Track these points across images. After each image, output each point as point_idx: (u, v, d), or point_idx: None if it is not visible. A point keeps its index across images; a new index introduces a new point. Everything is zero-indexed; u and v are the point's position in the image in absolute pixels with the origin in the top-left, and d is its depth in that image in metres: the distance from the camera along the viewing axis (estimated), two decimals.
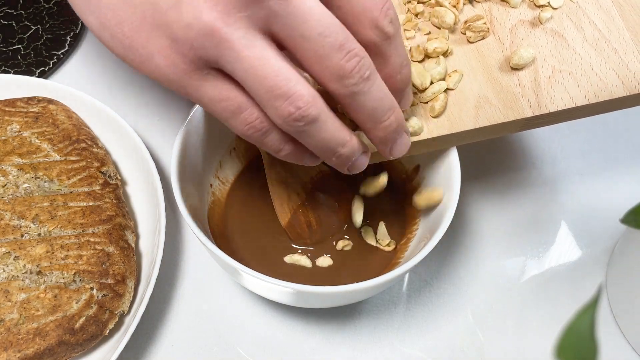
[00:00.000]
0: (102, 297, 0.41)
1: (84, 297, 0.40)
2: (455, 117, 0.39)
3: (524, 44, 0.41)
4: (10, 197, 0.43)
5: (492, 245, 0.48)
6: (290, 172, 0.43)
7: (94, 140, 0.48)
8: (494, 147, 0.53)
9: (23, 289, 0.40)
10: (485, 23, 0.41)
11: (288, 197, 0.43)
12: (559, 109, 0.39)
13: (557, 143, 0.53)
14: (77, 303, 0.40)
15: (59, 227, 0.42)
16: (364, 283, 0.37)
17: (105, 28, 0.33)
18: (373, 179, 0.42)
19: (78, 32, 0.58)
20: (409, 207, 0.45)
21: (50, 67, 0.55)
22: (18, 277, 0.40)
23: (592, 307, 0.24)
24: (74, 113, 0.49)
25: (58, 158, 0.46)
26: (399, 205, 0.46)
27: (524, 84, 0.40)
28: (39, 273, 0.41)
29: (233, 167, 0.47)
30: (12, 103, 0.48)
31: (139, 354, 0.43)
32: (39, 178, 0.44)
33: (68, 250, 0.42)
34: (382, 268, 0.43)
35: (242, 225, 0.45)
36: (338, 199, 0.45)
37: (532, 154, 0.53)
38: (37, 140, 0.46)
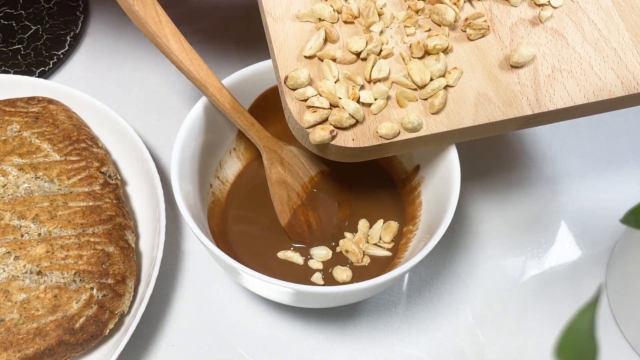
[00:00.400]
0: (102, 297, 0.41)
1: (84, 297, 0.40)
2: (455, 114, 0.39)
3: (524, 42, 0.41)
4: (10, 197, 0.43)
5: (492, 246, 0.48)
6: (290, 172, 0.43)
7: (94, 140, 0.48)
8: (495, 147, 0.53)
9: (23, 289, 0.40)
10: (486, 21, 0.41)
11: (288, 197, 0.43)
12: (558, 108, 0.39)
13: (557, 143, 0.53)
14: (77, 303, 0.40)
15: (59, 227, 0.42)
16: (364, 283, 0.37)
17: None
18: None
19: (78, 32, 0.58)
20: (409, 207, 0.45)
21: (50, 67, 0.55)
22: (18, 277, 0.40)
23: (592, 307, 0.24)
24: (74, 113, 0.49)
25: (58, 158, 0.46)
26: (399, 205, 0.46)
27: (524, 82, 0.40)
28: (39, 273, 0.41)
29: (233, 167, 0.47)
30: (12, 103, 0.48)
31: (139, 354, 0.43)
32: (39, 178, 0.44)
33: (68, 250, 0.42)
34: (382, 268, 0.43)
35: (241, 225, 0.45)
36: (338, 199, 0.45)
37: (532, 154, 0.53)
38: (37, 140, 0.46)
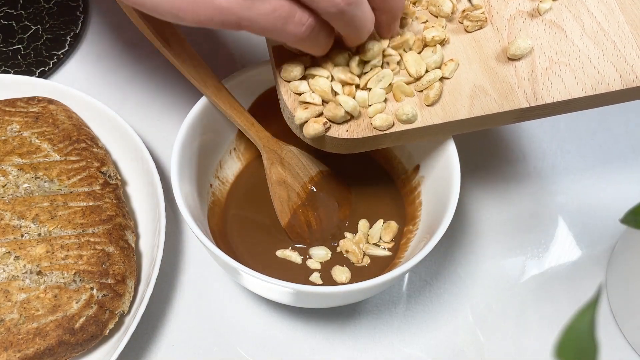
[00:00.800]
0: (102, 297, 0.41)
1: (84, 297, 0.40)
2: (450, 106, 0.39)
3: (522, 35, 0.41)
4: (10, 197, 0.43)
5: (492, 245, 0.48)
6: (290, 172, 0.43)
7: (94, 140, 0.48)
8: (494, 147, 0.53)
9: (23, 289, 0.40)
10: (483, 13, 0.41)
11: (288, 197, 0.43)
12: (555, 101, 0.39)
13: (557, 142, 0.53)
14: (77, 303, 0.40)
15: (59, 227, 0.42)
16: (364, 283, 0.36)
17: None
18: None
19: (78, 32, 0.58)
20: (409, 207, 0.45)
21: (50, 67, 0.55)
22: (18, 277, 0.40)
23: (592, 307, 0.24)
24: (74, 113, 0.49)
25: (58, 158, 0.46)
26: (399, 205, 0.46)
27: (521, 75, 0.40)
28: (39, 273, 0.41)
29: (233, 167, 0.47)
30: (12, 103, 0.48)
31: (139, 354, 0.43)
32: (39, 178, 0.44)
33: (68, 250, 0.42)
34: (382, 268, 0.43)
35: (241, 225, 0.45)
36: (338, 199, 0.45)
37: (532, 154, 0.53)
38: (37, 140, 0.46)
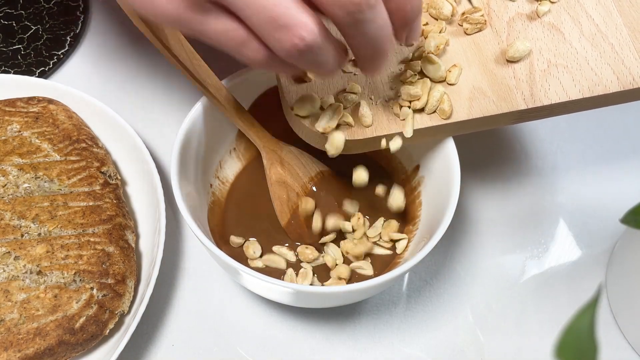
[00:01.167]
0: (102, 297, 0.41)
1: (84, 297, 0.40)
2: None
3: (521, 37, 0.41)
4: (11, 197, 0.43)
5: (492, 245, 0.48)
6: (290, 172, 0.43)
7: (94, 140, 0.48)
8: (494, 147, 0.53)
9: (23, 289, 0.40)
10: (483, 15, 0.41)
11: (288, 197, 0.43)
12: (553, 103, 0.39)
13: (557, 143, 0.53)
14: (77, 303, 0.40)
15: (59, 227, 0.42)
16: (364, 283, 0.37)
17: None
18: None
19: (78, 32, 0.58)
20: (409, 207, 0.45)
21: (50, 67, 0.55)
22: (18, 277, 0.40)
23: (592, 307, 0.24)
24: (74, 113, 0.49)
25: (58, 158, 0.46)
26: None
27: (519, 77, 0.40)
28: (39, 273, 0.41)
29: (233, 167, 0.47)
30: (12, 103, 0.48)
31: (139, 354, 0.43)
32: (39, 178, 0.44)
33: (68, 250, 0.42)
34: (382, 268, 0.43)
35: (242, 225, 0.45)
36: (338, 199, 0.45)
37: (532, 154, 0.53)
38: (37, 140, 0.46)
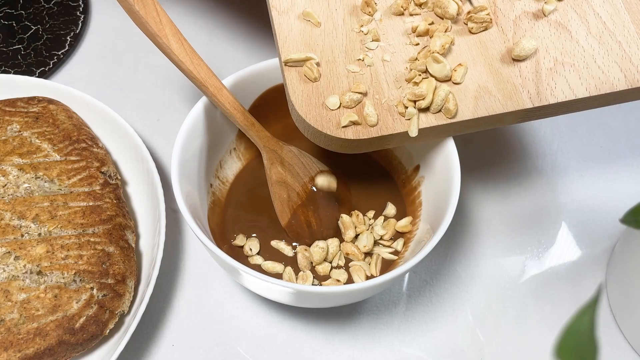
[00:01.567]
0: (102, 297, 0.41)
1: (84, 297, 0.40)
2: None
3: (527, 36, 0.41)
4: (11, 197, 0.43)
5: (492, 245, 0.48)
6: (290, 172, 0.43)
7: (94, 140, 0.48)
8: (495, 147, 0.53)
9: (23, 289, 0.40)
10: (489, 14, 0.41)
11: (288, 197, 0.43)
12: (559, 101, 0.39)
13: (557, 143, 0.53)
14: (77, 303, 0.40)
15: (59, 227, 0.42)
16: (364, 283, 0.37)
17: None
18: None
19: (78, 32, 0.58)
20: (410, 207, 0.45)
21: (50, 67, 0.55)
22: (18, 277, 0.40)
23: (592, 307, 0.24)
24: (74, 113, 0.49)
25: (58, 158, 0.46)
26: (400, 205, 0.46)
27: (525, 75, 0.40)
28: (39, 273, 0.41)
29: (233, 167, 0.47)
30: (12, 103, 0.48)
31: (139, 354, 0.43)
32: (39, 178, 0.44)
33: (68, 250, 0.42)
34: (382, 268, 0.43)
35: (242, 225, 0.45)
36: (338, 199, 0.45)
37: (532, 155, 0.53)
38: (37, 140, 0.46)
